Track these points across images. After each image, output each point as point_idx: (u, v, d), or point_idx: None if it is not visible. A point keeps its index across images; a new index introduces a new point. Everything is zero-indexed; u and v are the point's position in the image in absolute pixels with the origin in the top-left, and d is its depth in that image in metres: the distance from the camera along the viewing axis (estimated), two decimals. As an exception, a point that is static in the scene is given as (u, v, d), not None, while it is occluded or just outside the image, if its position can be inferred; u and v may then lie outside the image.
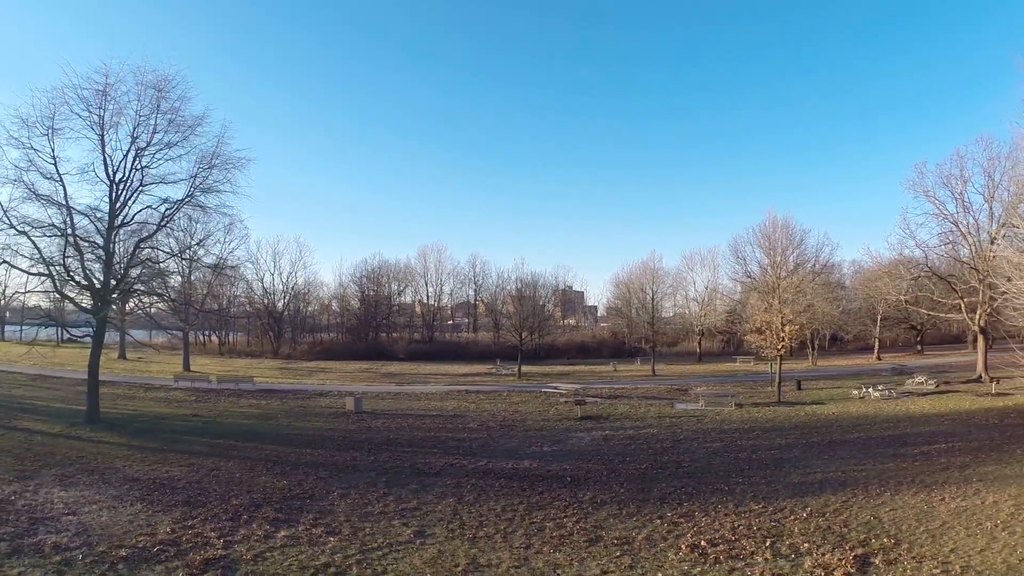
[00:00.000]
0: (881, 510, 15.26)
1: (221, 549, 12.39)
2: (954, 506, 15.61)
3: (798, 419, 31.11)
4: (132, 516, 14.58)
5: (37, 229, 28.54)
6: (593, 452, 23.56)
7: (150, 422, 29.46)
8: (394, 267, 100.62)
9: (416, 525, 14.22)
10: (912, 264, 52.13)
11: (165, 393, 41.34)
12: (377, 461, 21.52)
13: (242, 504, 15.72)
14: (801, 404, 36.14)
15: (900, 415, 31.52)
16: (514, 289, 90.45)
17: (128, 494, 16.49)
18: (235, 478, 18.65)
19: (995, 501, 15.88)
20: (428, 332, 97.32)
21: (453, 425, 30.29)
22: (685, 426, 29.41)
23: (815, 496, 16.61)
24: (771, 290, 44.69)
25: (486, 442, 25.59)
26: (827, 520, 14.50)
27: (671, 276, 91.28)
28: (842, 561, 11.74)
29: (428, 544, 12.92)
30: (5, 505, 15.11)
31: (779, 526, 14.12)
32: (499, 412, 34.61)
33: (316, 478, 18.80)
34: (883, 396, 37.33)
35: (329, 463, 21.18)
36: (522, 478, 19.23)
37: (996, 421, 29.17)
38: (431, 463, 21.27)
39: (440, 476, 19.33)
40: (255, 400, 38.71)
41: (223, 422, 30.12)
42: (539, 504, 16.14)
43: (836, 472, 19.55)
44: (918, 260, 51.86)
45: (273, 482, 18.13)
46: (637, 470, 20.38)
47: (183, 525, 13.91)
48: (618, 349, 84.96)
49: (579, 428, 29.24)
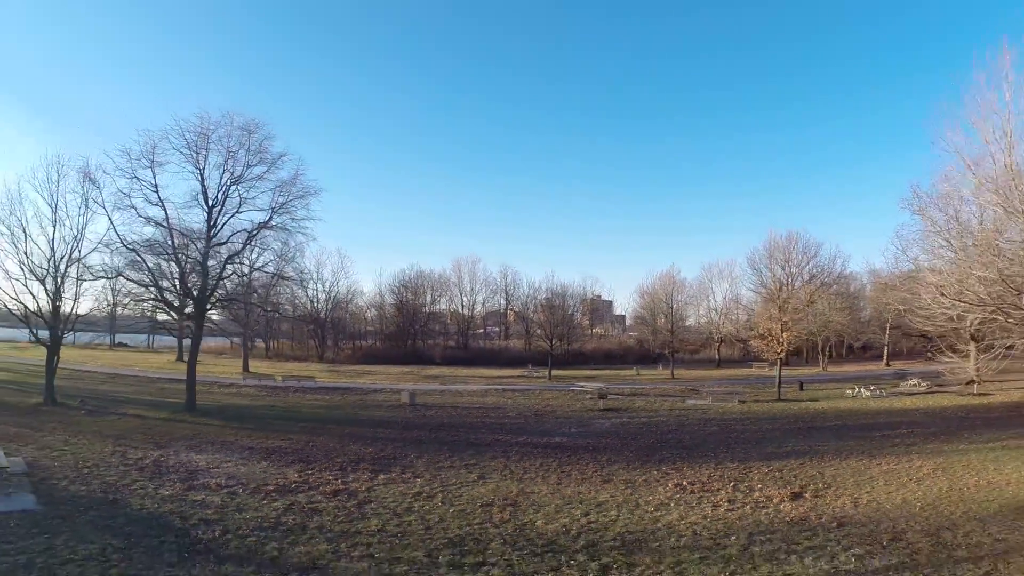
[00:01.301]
0: (826, 469, 20.20)
1: (340, 485, 17.76)
2: (886, 468, 20.45)
3: (789, 412, 35.96)
4: (263, 469, 20.00)
5: (145, 247, 34.59)
6: (611, 433, 28.79)
7: (238, 411, 35.13)
8: (429, 277, 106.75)
9: (478, 472, 19.56)
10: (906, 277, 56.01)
11: (237, 389, 47.24)
12: (438, 437, 26.92)
13: (344, 461, 21.14)
14: (798, 401, 40.91)
15: (880, 410, 36.13)
16: (544, 299, 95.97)
17: (251, 457, 21.92)
18: (330, 447, 24.08)
19: (920, 465, 20.67)
20: (463, 339, 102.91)
21: (495, 414, 35.64)
22: (691, 416, 34.48)
23: (779, 460, 21.62)
24: (773, 300, 49.19)
25: (524, 425, 30.98)
26: (781, 473, 19.51)
27: (693, 287, 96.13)
28: (781, 494, 16.79)
29: (488, 482, 18.26)
30: (161, 463, 20.47)
31: (744, 476, 19.19)
32: (533, 405, 39.96)
33: (394, 447, 24.23)
34: (873, 395, 41.82)
35: (400, 438, 26.59)
36: (554, 448, 24.53)
37: (962, 415, 33.62)
38: (481, 438, 26.67)
39: (490, 446, 24.66)
40: (319, 396, 44.40)
41: (300, 411, 35.74)
42: (567, 462, 21.42)
43: (803, 447, 24.47)
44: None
45: (361, 449, 23.58)
46: (645, 444, 25.58)
47: (306, 473, 19.30)
48: (643, 356, 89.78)
49: (601, 416, 34.46)
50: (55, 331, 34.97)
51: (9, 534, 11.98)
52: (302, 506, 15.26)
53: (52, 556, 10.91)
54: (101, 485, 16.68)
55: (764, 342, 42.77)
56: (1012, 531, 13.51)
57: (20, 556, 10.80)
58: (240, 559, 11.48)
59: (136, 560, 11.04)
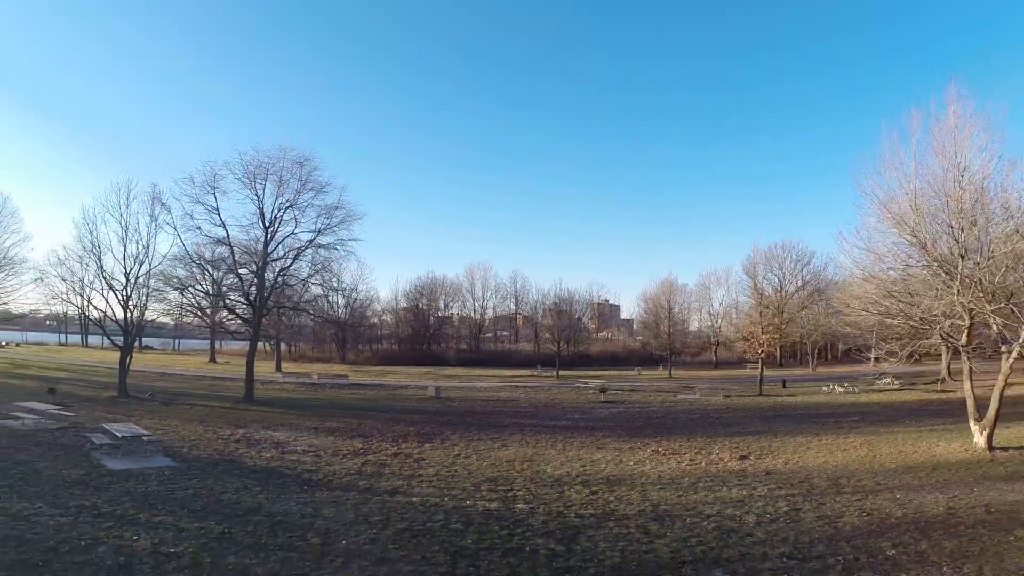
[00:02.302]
0: (774, 443, 25.52)
1: (397, 450, 23.23)
2: (824, 442, 25.72)
3: (764, 404, 41.30)
4: (332, 441, 25.43)
5: (209, 263, 40.31)
6: (608, 418, 34.25)
7: (289, 402, 40.70)
8: (442, 283, 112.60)
9: (500, 443, 25.08)
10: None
11: (279, 386, 52.82)
12: (464, 421, 32.42)
13: (394, 436, 26.62)
14: (777, 396, 46.25)
15: (845, 403, 41.37)
16: (552, 304, 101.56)
17: (318, 434, 27.33)
18: (379, 427, 29.55)
19: (852, 441, 25.91)
20: (475, 342, 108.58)
21: (510, 405, 41.14)
22: (678, 407, 39.93)
23: (739, 437, 26.98)
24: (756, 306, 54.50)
25: (535, 413, 36.51)
26: (737, 445, 24.84)
27: (694, 292, 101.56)
28: (731, 456, 22.18)
29: (509, 448, 23.77)
30: (249, 437, 25.76)
31: (707, 446, 24.59)
32: (542, 399, 45.51)
33: (431, 426, 29.76)
34: (845, 391, 47.00)
35: (433, 421, 32.09)
36: (560, 428, 30.00)
37: (916, 407, 38.75)
38: (500, 421, 32.18)
39: (508, 427, 30.12)
40: (354, 391, 49.94)
41: (343, 402, 41.27)
42: (570, 437, 26.95)
43: (763, 428, 29.81)
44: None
45: (405, 428, 29.07)
46: (634, 426, 31.05)
47: (367, 443, 24.76)
48: (646, 358, 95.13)
49: (600, 407, 39.94)
50: (127, 335, 40.60)
51: (169, 479, 17.38)
52: (373, 462, 20.75)
53: (210, 489, 16.31)
54: (213, 451, 22.17)
55: (747, 344, 48.12)
56: (893, 479, 18.80)
57: (188, 490, 16.18)
58: (344, 488, 16.98)
59: (271, 491, 16.49)
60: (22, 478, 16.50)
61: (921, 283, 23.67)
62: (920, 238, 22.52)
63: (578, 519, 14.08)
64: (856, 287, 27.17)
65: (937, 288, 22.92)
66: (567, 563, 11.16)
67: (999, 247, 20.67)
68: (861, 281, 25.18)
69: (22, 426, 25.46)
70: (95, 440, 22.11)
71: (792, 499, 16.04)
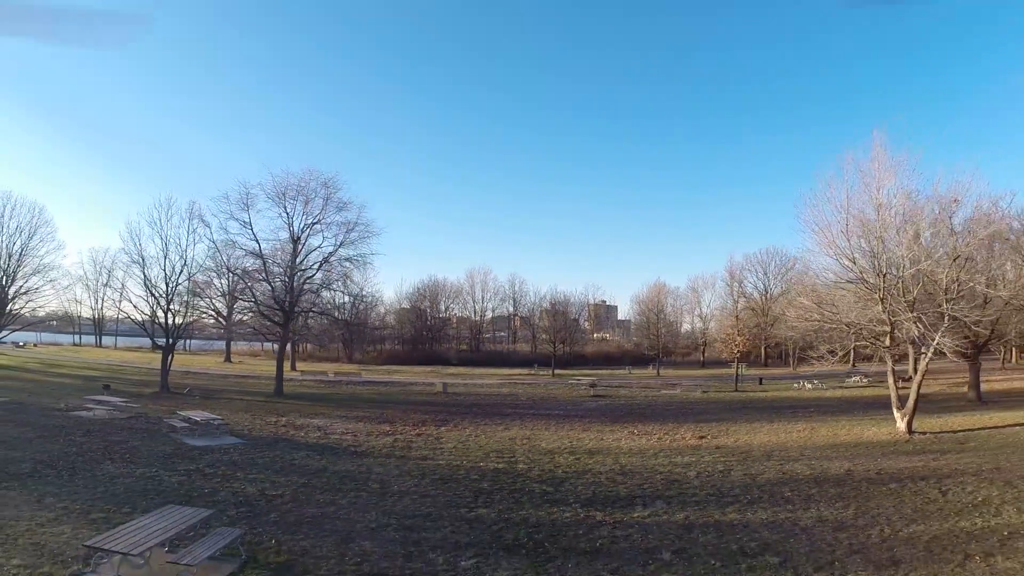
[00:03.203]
0: (731, 427, 30.47)
1: (419, 432, 28.16)
2: (774, 427, 30.66)
3: (736, 398, 46.32)
4: (363, 426, 30.24)
5: (244, 273, 45.18)
6: (595, 409, 39.25)
7: (314, 396, 45.53)
8: (443, 285, 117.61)
9: (504, 427, 30.05)
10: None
11: (299, 382, 57.57)
12: (471, 411, 37.36)
13: (414, 422, 31.51)
14: (751, 392, 51.26)
15: (809, 398, 46.34)
16: (548, 306, 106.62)
17: (348, 421, 32.11)
18: (399, 415, 34.39)
19: (798, 426, 30.81)
20: (475, 343, 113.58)
21: (510, 399, 46.12)
22: (659, 400, 45.00)
23: (704, 423, 31.94)
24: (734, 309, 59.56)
25: (532, 405, 41.51)
26: (699, 428, 29.80)
27: (685, 295, 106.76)
28: (692, 436, 27.15)
29: (511, 430, 28.78)
30: (292, 423, 30.38)
31: (675, 429, 29.58)
32: (538, 393, 50.51)
33: (443, 415, 34.69)
34: (813, 388, 51.96)
35: (445, 411, 37.00)
36: (554, 416, 34.96)
37: (871, 401, 43.57)
38: (503, 411, 37.17)
39: (509, 416, 35.07)
40: (369, 387, 54.86)
41: (361, 396, 46.15)
42: (562, 423, 31.97)
43: (727, 417, 34.78)
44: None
45: (422, 416, 33.99)
46: (617, 415, 36.06)
47: (392, 427, 29.65)
48: (639, 358, 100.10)
49: (590, 400, 44.95)
50: (168, 337, 45.42)
51: (244, 452, 22.23)
52: (401, 440, 25.69)
53: (281, 458, 21.26)
54: (269, 433, 27.05)
55: (724, 345, 53.24)
56: (816, 452, 23.68)
57: (264, 458, 21.10)
58: (384, 456, 21.95)
59: (329, 459, 21.40)
60: (127, 452, 21.27)
61: (852, 296, 28.65)
62: (848, 259, 27.52)
63: (564, 473, 19.12)
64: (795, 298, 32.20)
65: (864, 300, 27.94)
66: (553, 498, 16.16)
67: (907, 269, 25.74)
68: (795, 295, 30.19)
69: (96, 416, 30.13)
70: (174, 424, 26.94)
71: (728, 463, 21.05)
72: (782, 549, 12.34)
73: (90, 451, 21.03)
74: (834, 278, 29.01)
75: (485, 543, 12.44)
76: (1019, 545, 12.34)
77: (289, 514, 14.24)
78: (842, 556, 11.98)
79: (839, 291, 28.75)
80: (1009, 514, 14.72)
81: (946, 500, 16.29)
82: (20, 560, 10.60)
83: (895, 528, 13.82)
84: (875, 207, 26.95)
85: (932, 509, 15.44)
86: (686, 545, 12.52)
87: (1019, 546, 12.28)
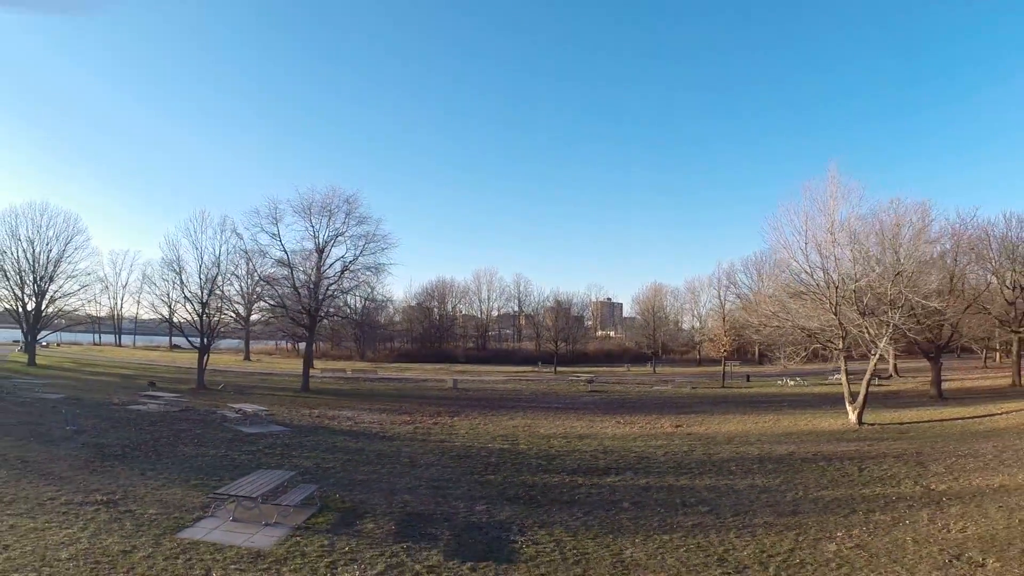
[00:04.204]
0: (707, 418, 34.85)
1: (435, 421, 32.62)
2: (744, 418, 34.99)
3: (720, 394, 50.74)
4: (386, 417, 34.63)
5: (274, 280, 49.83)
6: (590, 403, 43.76)
7: (336, 391, 50.05)
8: (451, 285, 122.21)
9: (508, 417, 34.63)
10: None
11: (318, 379, 61.81)
12: (480, 404, 41.87)
13: (430, 413, 35.99)
14: (737, 388, 55.68)
15: (787, 393, 50.68)
16: (552, 305, 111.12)
17: (371, 412, 36.50)
18: (416, 408, 38.87)
19: (765, 417, 35.11)
20: (481, 341, 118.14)
21: (514, 394, 50.68)
22: (650, 396, 49.48)
23: (683, 415, 36.35)
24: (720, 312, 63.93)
25: (534, 399, 46.06)
26: (677, 418, 34.21)
27: (684, 295, 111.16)
28: (670, 425, 31.61)
29: (515, 419, 33.36)
30: (324, 414, 34.84)
31: (657, 419, 34.03)
32: (540, 389, 55.11)
33: (455, 407, 39.22)
34: (796, 384, 56.25)
35: (456, 404, 41.51)
36: (553, 409, 39.53)
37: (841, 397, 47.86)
38: (507, 404, 41.71)
39: (513, 408, 39.60)
40: (385, 383, 59.49)
41: (380, 392, 50.74)
42: (560, 414, 36.56)
43: (706, 409, 39.18)
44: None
45: (436, 408, 38.50)
46: (610, 407, 40.57)
47: (412, 418, 34.07)
48: (639, 356, 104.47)
49: (587, 395, 49.51)
50: (204, 338, 50.01)
51: (291, 436, 26.73)
52: (421, 428, 30.22)
53: (323, 440, 25.80)
54: (308, 422, 31.55)
55: (712, 344, 57.66)
56: (772, 439, 28.07)
57: (309, 441, 25.63)
58: (409, 439, 26.49)
59: (364, 441, 25.95)
60: (195, 438, 25.64)
61: (810, 304, 33.06)
62: (806, 273, 31.98)
63: (556, 452, 23.72)
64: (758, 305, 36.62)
65: (820, 309, 32.37)
66: (546, 468, 20.71)
67: (852, 283, 30.19)
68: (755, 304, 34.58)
69: (151, 409, 34.37)
70: (226, 415, 31.51)
71: (693, 445, 25.57)
72: (713, 502, 16.82)
73: (163, 437, 25.20)
74: (793, 290, 33.40)
75: (493, 496, 16.97)
76: (899, 506, 16.60)
77: (343, 479, 18.75)
78: (757, 508, 16.41)
79: (799, 300, 33.11)
80: (907, 486, 19.02)
81: (860, 475, 20.60)
82: (155, 510, 14.89)
83: (807, 492, 18.22)
84: (828, 230, 31.34)
85: (844, 481, 19.77)
86: (642, 499, 17.02)
87: (899, 506, 16.53)
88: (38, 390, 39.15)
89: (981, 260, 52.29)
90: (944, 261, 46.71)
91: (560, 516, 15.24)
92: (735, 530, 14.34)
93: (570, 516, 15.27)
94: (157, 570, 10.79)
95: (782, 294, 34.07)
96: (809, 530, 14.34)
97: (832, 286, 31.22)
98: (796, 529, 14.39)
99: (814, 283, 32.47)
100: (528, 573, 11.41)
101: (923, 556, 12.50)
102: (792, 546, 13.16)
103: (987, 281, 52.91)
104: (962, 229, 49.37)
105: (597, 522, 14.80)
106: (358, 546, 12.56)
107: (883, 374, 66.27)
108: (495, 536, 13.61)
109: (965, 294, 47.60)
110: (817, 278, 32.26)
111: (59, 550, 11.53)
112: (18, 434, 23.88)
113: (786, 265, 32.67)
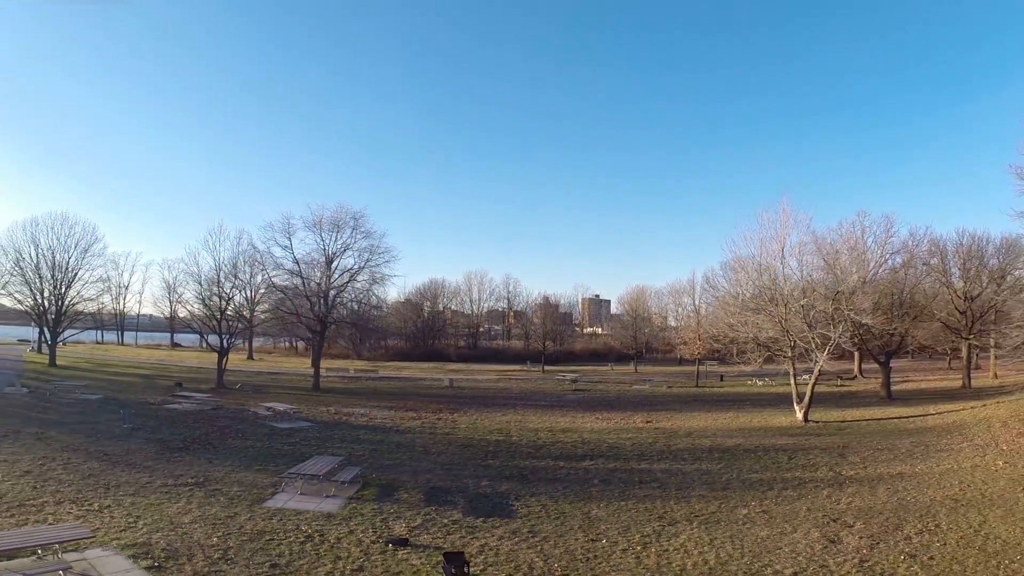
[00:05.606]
0: (675, 415, 39.99)
1: (439, 416, 37.54)
2: (708, 415, 40.12)
3: (693, 392, 55.97)
4: (394, 413, 39.41)
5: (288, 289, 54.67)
6: (575, 401, 48.90)
7: (344, 390, 54.58)
8: (443, 286, 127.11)
9: (501, 413, 39.66)
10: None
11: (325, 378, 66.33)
12: (475, 402, 46.81)
13: (432, 409, 40.81)
14: (709, 388, 60.95)
15: (753, 392, 55.97)
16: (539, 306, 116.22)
17: (380, 409, 41.25)
18: (419, 405, 43.61)
19: (726, 415, 40.23)
20: (472, 340, 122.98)
21: (505, 392, 55.74)
22: (629, 394, 54.68)
23: (655, 411, 41.50)
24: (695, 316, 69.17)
25: (523, 397, 51.13)
26: (649, 415, 39.34)
27: (668, 296, 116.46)
28: (641, 420, 36.78)
29: (507, 415, 38.48)
30: (339, 410, 39.60)
31: (631, 415, 39.18)
32: (528, 388, 60.22)
33: (454, 404, 44.13)
34: (763, 384, 61.43)
35: (454, 401, 46.42)
36: (540, 406, 44.55)
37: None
38: (500, 402, 46.75)
39: (505, 405, 44.61)
40: (386, 382, 64.23)
41: (383, 390, 55.54)
42: (546, 410, 41.67)
43: (676, 408, 44.32)
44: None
45: (437, 405, 43.37)
46: (591, 405, 45.75)
47: (418, 414, 38.86)
48: (623, 355, 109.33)
49: (571, 394, 54.63)
50: (223, 339, 54.61)
51: (319, 430, 31.62)
52: (427, 423, 35.15)
53: (348, 433, 30.73)
54: (329, 419, 36.33)
55: (686, 346, 62.94)
56: (726, 433, 33.19)
57: (336, 434, 30.51)
58: (419, 432, 31.47)
59: (381, 434, 30.88)
60: (239, 433, 30.19)
61: (765, 316, 38.30)
62: (726, 290, 37.28)
63: (543, 442, 28.89)
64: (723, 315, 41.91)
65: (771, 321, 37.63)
66: (535, 455, 25.85)
67: (797, 300, 35.50)
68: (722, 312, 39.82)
69: (186, 408, 38.41)
70: (259, 413, 36.24)
71: (656, 438, 30.77)
72: (664, 481, 21.96)
73: (212, 432, 29.43)
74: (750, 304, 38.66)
75: (494, 476, 22.06)
76: (808, 485, 21.62)
77: (375, 463, 23.69)
78: (696, 485, 21.56)
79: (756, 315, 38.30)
80: (822, 472, 24.07)
81: (788, 462, 25.68)
82: (237, 488, 19.49)
83: (740, 474, 23.39)
84: (779, 255, 36.65)
85: (772, 466, 24.89)
86: (609, 478, 22.14)
87: (808, 486, 21.53)
88: (78, 392, 42.66)
89: (933, 273, 57.60)
90: (900, 274, 52.23)
91: (546, 489, 20.33)
92: (675, 499, 19.47)
93: (553, 489, 20.35)
94: (261, 527, 15.21)
95: (737, 308, 39.18)
96: (731, 500, 19.43)
97: (782, 303, 36.41)
98: (721, 499, 19.50)
99: (764, 299, 37.66)
100: (522, 524, 16.44)
101: (809, 519, 17.50)
102: (715, 510, 18.28)
103: (936, 292, 58.19)
104: (914, 245, 54.99)
105: (573, 493, 19.91)
106: (399, 509, 17.49)
107: (848, 375, 71.82)
108: (498, 502, 18.66)
109: (917, 305, 52.67)
110: (768, 295, 37.45)
111: (181, 516, 15.63)
112: (85, 432, 27.42)
113: (745, 282, 37.80)
